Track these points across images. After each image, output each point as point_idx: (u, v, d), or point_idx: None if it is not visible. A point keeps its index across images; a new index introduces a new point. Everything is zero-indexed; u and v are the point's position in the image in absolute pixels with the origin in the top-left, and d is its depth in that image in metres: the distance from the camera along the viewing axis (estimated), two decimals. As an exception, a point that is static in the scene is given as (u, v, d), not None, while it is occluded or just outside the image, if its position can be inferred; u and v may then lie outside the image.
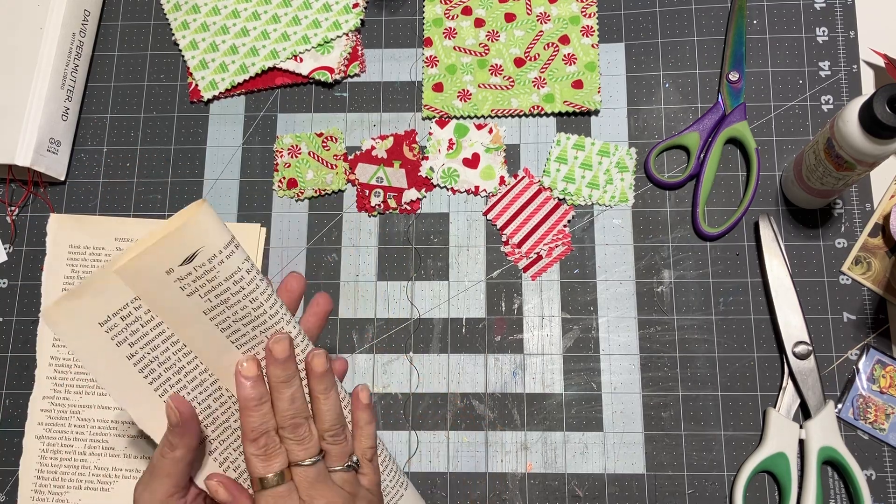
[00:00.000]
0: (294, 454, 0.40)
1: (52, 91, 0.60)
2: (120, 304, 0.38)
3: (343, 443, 0.41)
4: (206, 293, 0.38)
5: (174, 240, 0.36)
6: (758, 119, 0.61)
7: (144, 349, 0.39)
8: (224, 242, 0.37)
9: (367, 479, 0.42)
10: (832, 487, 0.54)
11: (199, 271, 0.37)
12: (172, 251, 0.36)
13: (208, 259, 0.37)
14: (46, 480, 0.56)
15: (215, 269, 0.37)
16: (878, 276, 0.57)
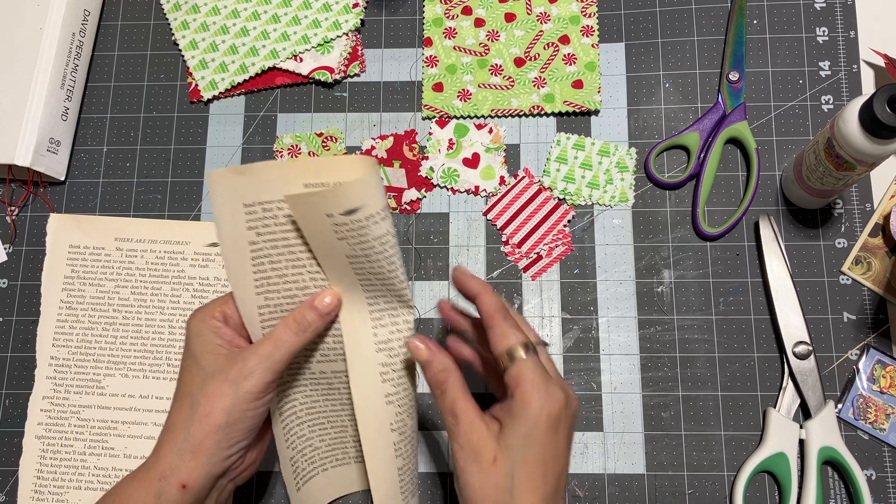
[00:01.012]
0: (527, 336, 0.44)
1: (52, 91, 0.60)
2: (268, 198, 0.42)
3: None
4: (354, 244, 0.41)
5: (343, 190, 0.39)
6: (758, 119, 0.61)
7: (266, 244, 0.43)
8: (382, 206, 0.40)
9: None
10: (832, 487, 0.54)
11: (355, 224, 0.40)
12: (338, 200, 0.39)
13: (366, 217, 0.39)
14: (46, 480, 0.56)
15: (369, 227, 0.40)
16: (878, 276, 0.57)
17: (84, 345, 0.58)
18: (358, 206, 0.39)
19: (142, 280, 0.59)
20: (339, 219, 0.40)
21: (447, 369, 0.42)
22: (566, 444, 0.42)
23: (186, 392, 0.43)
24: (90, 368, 0.58)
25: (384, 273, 0.42)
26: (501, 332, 0.43)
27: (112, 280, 0.59)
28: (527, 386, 0.41)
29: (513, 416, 0.41)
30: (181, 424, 0.42)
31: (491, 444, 0.40)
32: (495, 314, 0.43)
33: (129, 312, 0.58)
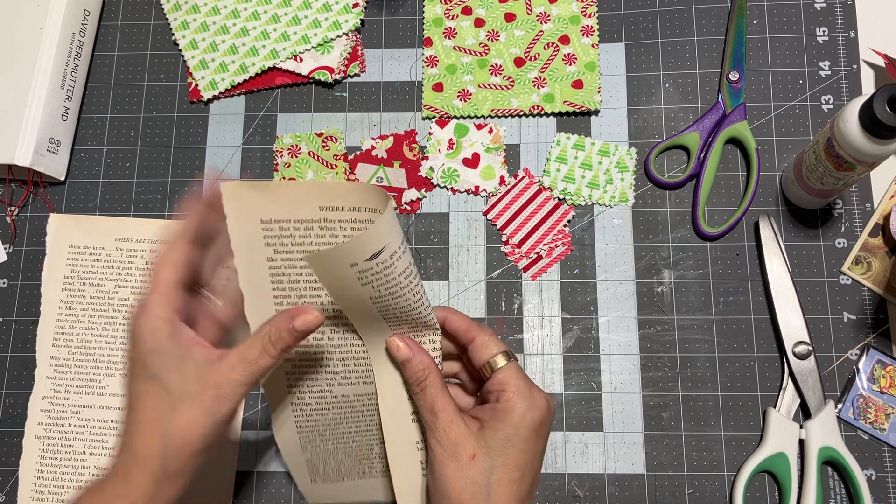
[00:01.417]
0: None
1: (52, 91, 0.60)
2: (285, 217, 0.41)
3: None
4: (379, 285, 0.40)
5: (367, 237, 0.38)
6: (758, 119, 0.61)
7: (284, 262, 0.41)
8: (401, 239, 0.39)
9: None
10: (832, 487, 0.54)
11: (380, 266, 0.39)
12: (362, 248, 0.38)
13: (390, 255, 0.39)
14: (46, 480, 0.56)
15: (394, 265, 0.39)
16: (878, 276, 0.57)
17: (84, 345, 0.58)
18: (382, 248, 0.38)
19: (142, 280, 0.59)
20: (363, 265, 0.39)
21: (427, 368, 0.43)
22: (544, 448, 0.43)
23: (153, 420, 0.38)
24: (90, 368, 0.58)
25: (409, 305, 0.42)
26: (482, 342, 0.44)
27: (112, 280, 0.59)
28: (511, 391, 0.42)
29: (496, 418, 0.42)
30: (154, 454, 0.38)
31: (470, 440, 0.41)
32: (471, 327, 0.45)
33: (130, 312, 0.58)
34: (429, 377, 0.43)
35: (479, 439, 0.41)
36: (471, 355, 0.45)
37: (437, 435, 0.41)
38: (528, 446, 0.41)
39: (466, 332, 0.45)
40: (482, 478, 0.40)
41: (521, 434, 0.41)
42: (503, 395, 0.42)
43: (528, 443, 0.41)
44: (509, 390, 0.42)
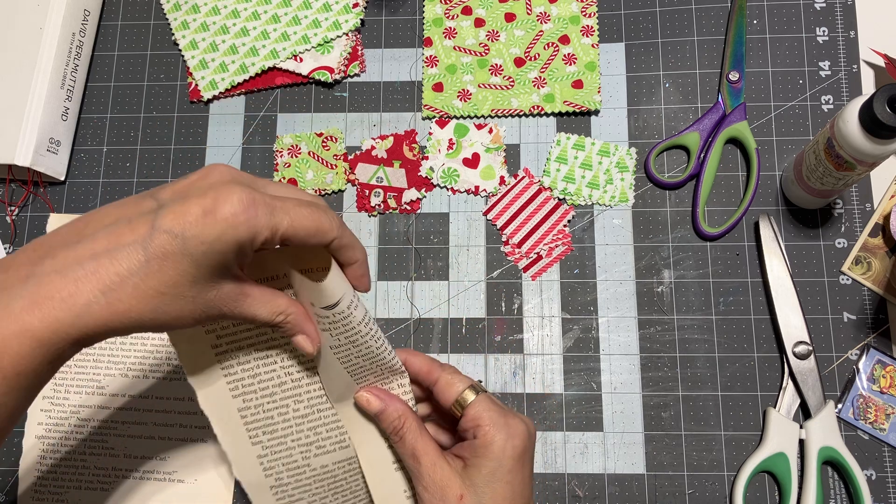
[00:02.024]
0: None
1: (52, 91, 0.60)
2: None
3: None
4: (338, 334, 0.40)
5: (318, 290, 0.37)
6: (758, 119, 0.61)
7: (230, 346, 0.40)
8: (353, 292, 0.39)
9: None
10: (832, 487, 0.54)
11: (338, 316, 0.38)
12: (316, 296, 0.37)
13: (347, 306, 0.38)
14: (46, 480, 0.56)
15: (352, 314, 0.39)
16: (878, 276, 0.57)
17: (84, 345, 0.58)
18: (338, 299, 0.37)
19: None
20: (320, 311, 0.38)
21: (402, 415, 0.42)
22: (531, 473, 0.42)
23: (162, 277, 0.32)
24: (90, 368, 0.58)
25: (372, 352, 0.41)
26: (447, 381, 0.43)
27: (112, 280, 0.59)
28: (487, 425, 0.41)
29: (476, 454, 0.41)
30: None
31: (456, 481, 0.40)
32: (432, 367, 0.44)
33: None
34: (405, 424, 0.42)
35: (464, 478, 0.40)
36: (437, 397, 0.43)
37: (423, 481, 0.41)
38: (513, 476, 0.40)
39: (428, 374, 0.44)
40: None
41: (504, 466, 0.40)
42: (479, 430, 0.41)
43: (513, 473, 0.40)
44: (484, 424, 0.41)
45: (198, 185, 0.33)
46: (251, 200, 0.32)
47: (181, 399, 0.57)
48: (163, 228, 0.31)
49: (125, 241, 0.31)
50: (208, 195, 0.32)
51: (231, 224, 0.32)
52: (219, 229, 0.31)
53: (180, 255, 0.31)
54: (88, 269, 0.31)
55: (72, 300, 0.31)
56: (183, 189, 0.33)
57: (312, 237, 0.35)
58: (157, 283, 0.32)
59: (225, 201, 0.32)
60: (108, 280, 0.31)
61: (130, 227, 0.32)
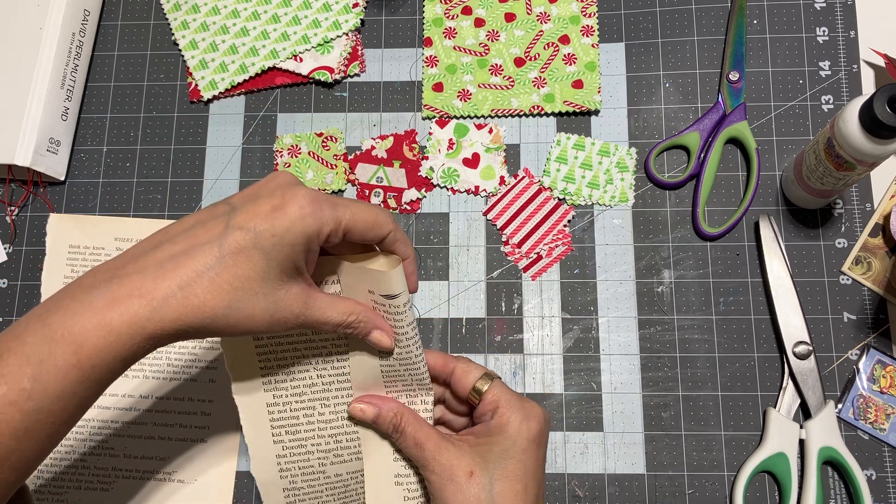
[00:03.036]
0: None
1: (51, 91, 0.60)
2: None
3: None
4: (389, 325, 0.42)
5: (388, 277, 0.39)
6: (758, 119, 0.61)
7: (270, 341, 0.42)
8: (409, 297, 0.41)
9: None
10: (832, 487, 0.54)
11: (393, 310, 0.40)
12: (381, 283, 0.39)
13: (403, 303, 0.40)
14: (46, 480, 0.56)
15: (405, 313, 0.40)
16: (878, 276, 0.57)
17: (84, 345, 0.58)
18: (399, 293, 0.39)
19: None
20: (378, 298, 0.40)
21: (398, 412, 0.42)
22: (544, 458, 0.42)
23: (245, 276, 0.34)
24: (90, 368, 0.57)
25: (410, 358, 0.42)
26: (463, 370, 0.43)
27: (112, 280, 0.59)
28: (504, 406, 0.41)
29: (491, 433, 0.41)
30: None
31: (465, 458, 0.40)
32: (447, 360, 0.44)
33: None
34: (403, 418, 0.42)
35: (473, 456, 0.40)
36: (454, 387, 0.44)
37: (430, 465, 0.40)
38: (526, 456, 0.41)
39: (444, 367, 0.44)
40: (484, 494, 0.39)
41: (518, 445, 0.40)
42: (497, 411, 0.42)
43: (527, 453, 0.41)
44: (502, 405, 0.42)
45: (266, 188, 0.36)
46: (315, 197, 0.35)
47: (181, 399, 0.57)
48: (236, 226, 0.34)
49: (201, 240, 0.34)
50: (276, 194, 0.35)
51: (299, 216, 0.34)
52: (287, 222, 0.34)
53: (252, 249, 0.34)
54: (167, 268, 0.33)
55: (150, 295, 0.33)
56: (252, 192, 0.36)
57: (371, 230, 0.38)
58: (231, 276, 0.34)
59: (292, 198, 0.35)
60: (185, 276, 0.33)
61: (206, 229, 0.35)
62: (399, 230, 0.40)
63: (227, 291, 0.34)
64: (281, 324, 0.37)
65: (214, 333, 0.35)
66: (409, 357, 0.42)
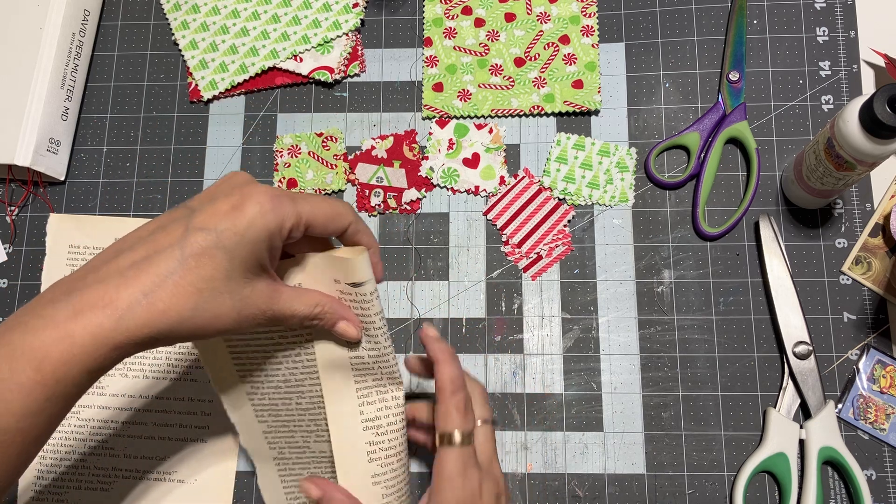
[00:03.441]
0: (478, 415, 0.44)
1: (51, 91, 0.60)
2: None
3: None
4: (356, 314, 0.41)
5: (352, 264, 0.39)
6: (758, 119, 0.61)
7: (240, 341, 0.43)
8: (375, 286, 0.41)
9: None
10: (832, 487, 0.54)
11: (359, 297, 0.40)
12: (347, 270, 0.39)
13: (370, 292, 0.40)
14: (46, 480, 0.56)
15: (371, 302, 0.40)
16: (878, 276, 0.57)
17: (84, 345, 0.58)
18: (364, 280, 0.39)
19: None
20: (344, 287, 0.40)
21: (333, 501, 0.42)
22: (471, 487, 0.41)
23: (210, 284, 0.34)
24: (90, 368, 0.57)
25: (380, 350, 0.42)
26: (444, 412, 0.42)
27: (112, 280, 0.59)
28: (441, 478, 0.41)
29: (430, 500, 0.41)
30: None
31: None
32: (444, 390, 0.43)
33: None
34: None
35: None
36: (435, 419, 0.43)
37: None
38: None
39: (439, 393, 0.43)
40: None
41: None
42: (435, 479, 0.41)
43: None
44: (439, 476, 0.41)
45: (223, 188, 0.36)
46: (274, 193, 0.35)
47: (181, 399, 0.57)
48: (196, 227, 0.34)
49: (162, 245, 0.34)
50: (234, 193, 0.35)
51: (260, 212, 0.34)
52: (248, 219, 0.34)
53: (214, 249, 0.33)
54: (129, 276, 0.33)
55: (113, 305, 0.32)
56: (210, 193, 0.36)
57: (332, 221, 0.38)
58: (194, 278, 0.33)
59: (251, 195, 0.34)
60: (149, 282, 0.33)
61: (166, 233, 0.34)
62: (360, 221, 0.40)
63: (191, 294, 0.33)
64: (249, 320, 0.36)
65: (183, 338, 0.34)
66: (378, 348, 0.42)
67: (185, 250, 0.33)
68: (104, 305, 0.32)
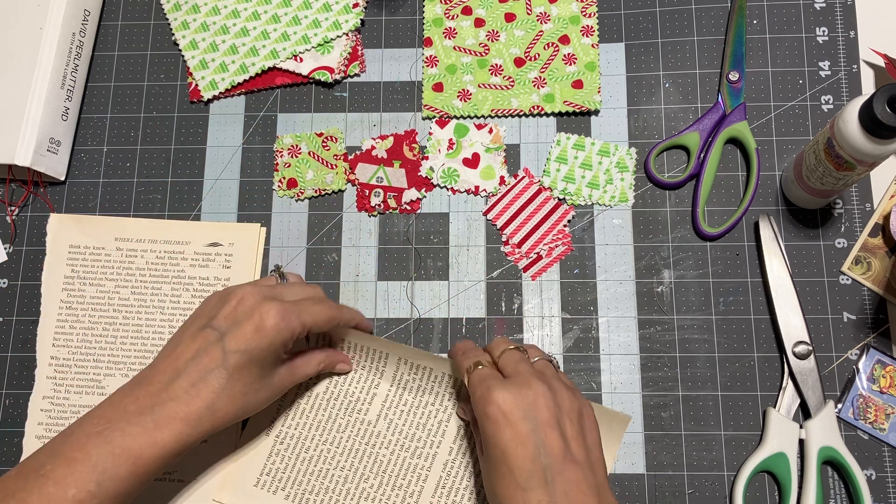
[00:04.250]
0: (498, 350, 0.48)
1: (52, 91, 0.60)
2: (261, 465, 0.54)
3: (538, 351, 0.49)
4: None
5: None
6: (758, 119, 0.61)
7: (294, 486, 0.54)
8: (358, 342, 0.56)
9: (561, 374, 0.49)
10: (832, 487, 0.54)
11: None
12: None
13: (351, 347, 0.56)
14: (46, 480, 0.56)
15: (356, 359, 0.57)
16: (878, 276, 0.57)
17: (84, 345, 0.58)
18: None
19: (142, 280, 0.59)
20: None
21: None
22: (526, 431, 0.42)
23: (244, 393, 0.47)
24: (90, 368, 0.58)
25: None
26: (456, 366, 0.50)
27: (112, 280, 0.59)
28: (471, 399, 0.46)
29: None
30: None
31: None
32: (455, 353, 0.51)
33: (130, 312, 0.58)
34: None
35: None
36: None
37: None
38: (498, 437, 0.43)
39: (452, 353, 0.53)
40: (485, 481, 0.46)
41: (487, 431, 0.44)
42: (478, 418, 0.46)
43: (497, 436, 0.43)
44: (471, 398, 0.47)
45: (241, 311, 0.46)
46: (285, 312, 0.46)
47: (181, 399, 0.57)
48: (232, 350, 0.45)
49: (210, 367, 0.45)
50: (254, 316, 0.46)
51: (276, 332, 0.46)
52: (269, 338, 0.46)
53: (249, 363, 0.46)
54: (192, 394, 0.45)
55: (188, 418, 0.44)
56: (232, 316, 0.46)
57: (327, 324, 0.49)
58: (240, 387, 0.46)
59: (267, 317, 0.46)
60: (209, 398, 0.45)
61: (209, 356, 0.45)
62: (343, 313, 0.51)
63: (239, 398, 0.46)
64: (278, 395, 0.50)
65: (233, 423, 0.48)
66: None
67: (228, 369, 0.45)
68: (181, 419, 0.44)
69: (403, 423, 0.54)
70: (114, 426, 0.43)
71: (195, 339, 0.46)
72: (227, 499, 0.54)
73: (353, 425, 0.55)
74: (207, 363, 0.45)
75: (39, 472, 0.42)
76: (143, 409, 0.44)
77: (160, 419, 0.44)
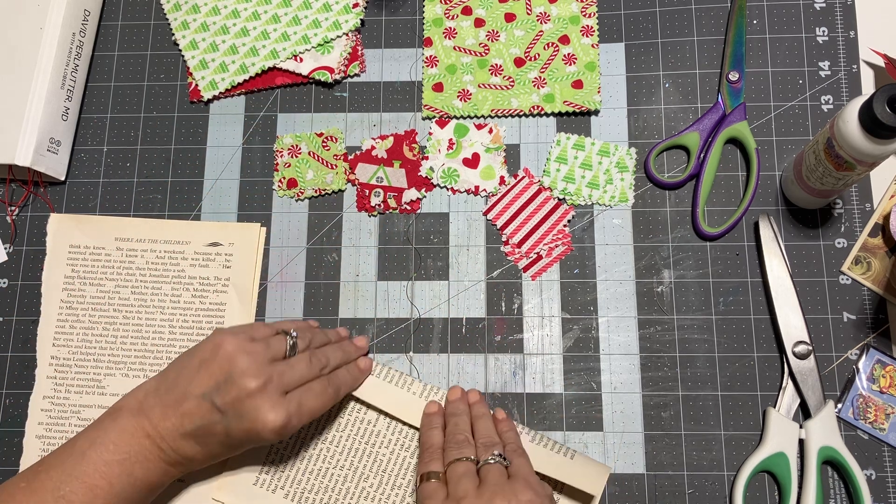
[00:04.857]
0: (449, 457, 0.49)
1: (52, 91, 0.60)
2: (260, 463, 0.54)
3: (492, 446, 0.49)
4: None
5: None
6: (758, 119, 0.61)
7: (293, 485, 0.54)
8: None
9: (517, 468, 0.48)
10: (832, 487, 0.54)
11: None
12: None
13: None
14: (46, 480, 0.56)
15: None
16: (878, 276, 0.57)
17: (84, 344, 0.58)
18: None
19: (142, 280, 0.59)
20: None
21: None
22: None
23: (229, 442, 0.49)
24: (90, 368, 0.58)
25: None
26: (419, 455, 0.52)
27: (112, 280, 0.59)
28: None
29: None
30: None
31: None
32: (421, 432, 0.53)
33: (130, 312, 0.58)
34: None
35: None
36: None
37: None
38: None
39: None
40: None
41: None
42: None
43: None
44: None
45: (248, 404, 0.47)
46: (288, 414, 0.47)
47: (181, 399, 0.57)
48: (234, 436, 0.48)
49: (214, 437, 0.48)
50: (258, 419, 0.47)
51: (280, 433, 0.47)
52: (275, 436, 0.47)
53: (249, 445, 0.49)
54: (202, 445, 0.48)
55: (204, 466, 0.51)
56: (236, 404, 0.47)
57: (324, 409, 0.50)
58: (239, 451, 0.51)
59: (270, 417, 0.47)
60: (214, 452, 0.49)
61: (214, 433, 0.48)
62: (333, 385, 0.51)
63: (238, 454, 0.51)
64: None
65: None
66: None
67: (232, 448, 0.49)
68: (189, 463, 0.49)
69: (403, 423, 0.54)
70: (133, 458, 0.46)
71: (200, 406, 0.47)
72: (226, 498, 0.53)
73: (352, 424, 0.55)
74: (212, 432, 0.47)
75: (58, 494, 0.44)
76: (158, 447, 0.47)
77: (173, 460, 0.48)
